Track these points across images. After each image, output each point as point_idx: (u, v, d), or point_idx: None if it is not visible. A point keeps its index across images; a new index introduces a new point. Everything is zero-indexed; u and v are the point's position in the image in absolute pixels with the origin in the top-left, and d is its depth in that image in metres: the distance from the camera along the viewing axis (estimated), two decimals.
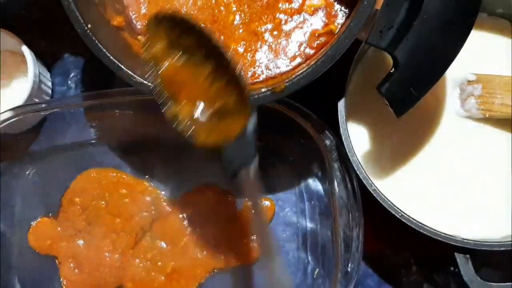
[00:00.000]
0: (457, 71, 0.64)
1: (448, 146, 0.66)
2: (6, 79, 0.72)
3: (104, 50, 0.55)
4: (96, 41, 0.55)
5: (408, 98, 0.51)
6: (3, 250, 0.70)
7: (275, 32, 0.62)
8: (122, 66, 0.55)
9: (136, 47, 0.62)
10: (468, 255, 0.60)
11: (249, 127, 0.49)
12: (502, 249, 0.60)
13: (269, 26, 0.63)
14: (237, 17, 0.63)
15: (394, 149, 0.65)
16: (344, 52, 0.51)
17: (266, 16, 0.63)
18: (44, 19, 0.77)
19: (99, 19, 0.60)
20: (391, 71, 0.51)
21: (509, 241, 0.60)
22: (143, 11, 0.64)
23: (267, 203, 0.71)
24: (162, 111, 0.50)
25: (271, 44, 0.62)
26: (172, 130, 0.70)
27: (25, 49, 0.69)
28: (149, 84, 0.54)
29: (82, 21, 0.55)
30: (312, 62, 0.53)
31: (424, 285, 0.71)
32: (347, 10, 0.61)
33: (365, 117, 0.65)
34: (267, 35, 0.62)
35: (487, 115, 0.65)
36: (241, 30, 0.63)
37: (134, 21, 0.64)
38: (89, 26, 0.55)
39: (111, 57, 0.55)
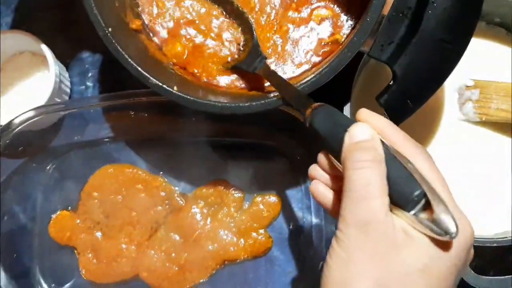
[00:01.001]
0: (456, 77, 0.66)
1: (447, 148, 0.68)
2: (28, 79, 0.74)
3: (123, 52, 0.56)
4: (116, 44, 0.56)
5: (404, 109, 0.53)
6: (25, 241, 0.72)
7: (284, 39, 0.64)
8: (139, 68, 0.56)
9: (152, 49, 0.63)
10: None
11: (254, 40, 0.62)
12: (501, 245, 0.62)
13: (278, 35, 0.64)
14: None
15: None
16: (347, 63, 0.52)
17: (277, 23, 0.64)
18: (62, 20, 0.78)
19: (119, 22, 0.61)
20: (390, 83, 0.52)
21: (509, 238, 0.62)
22: (156, 11, 0.66)
23: (274, 199, 0.72)
24: None
25: (279, 51, 0.64)
26: (184, 129, 0.73)
27: (46, 50, 0.70)
28: (164, 85, 0.57)
29: (103, 25, 0.56)
30: (317, 72, 0.54)
31: None
32: (352, 21, 0.62)
33: None
34: (278, 41, 0.64)
35: (483, 119, 0.67)
36: None
37: (147, 22, 0.65)
38: (109, 29, 0.56)
39: (129, 59, 0.56)
